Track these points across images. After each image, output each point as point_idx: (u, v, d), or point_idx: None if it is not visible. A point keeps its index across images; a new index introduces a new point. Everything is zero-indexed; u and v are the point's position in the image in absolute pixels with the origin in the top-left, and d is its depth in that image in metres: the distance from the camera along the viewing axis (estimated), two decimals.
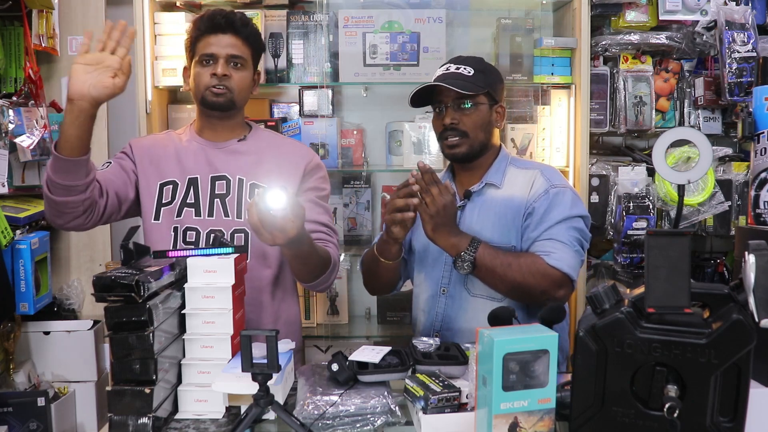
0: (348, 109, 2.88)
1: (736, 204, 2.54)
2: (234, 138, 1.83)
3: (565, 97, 2.64)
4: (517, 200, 1.76)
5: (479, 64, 1.80)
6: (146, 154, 1.82)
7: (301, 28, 2.63)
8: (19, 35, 2.38)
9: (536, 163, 1.91)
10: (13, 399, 2.16)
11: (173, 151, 1.82)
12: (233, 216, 1.76)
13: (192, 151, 1.82)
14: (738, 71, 2.44)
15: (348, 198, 2.82)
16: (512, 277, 1.64)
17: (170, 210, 1.77)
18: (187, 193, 1.78)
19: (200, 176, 1.78)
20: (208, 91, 1.74)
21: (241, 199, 1.77)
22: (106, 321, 1.28)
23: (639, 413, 1.09)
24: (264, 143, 1.85)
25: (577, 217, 1.73)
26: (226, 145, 1.82)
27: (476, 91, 1.74)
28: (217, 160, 1.80)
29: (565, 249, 1.67)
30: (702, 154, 1.69)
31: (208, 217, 1.76)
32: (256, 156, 1.81)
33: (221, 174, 1.79)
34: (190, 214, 1.77)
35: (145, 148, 1.83)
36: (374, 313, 2.84)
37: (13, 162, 2.29)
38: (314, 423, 1.29)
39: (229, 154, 1.81)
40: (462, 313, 1.78)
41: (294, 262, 1.66)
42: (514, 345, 1.09)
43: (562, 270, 1.64)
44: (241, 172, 1.78)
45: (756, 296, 1.09)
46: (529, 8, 2.74)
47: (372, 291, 1.99)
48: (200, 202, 1.77)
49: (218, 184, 1.78)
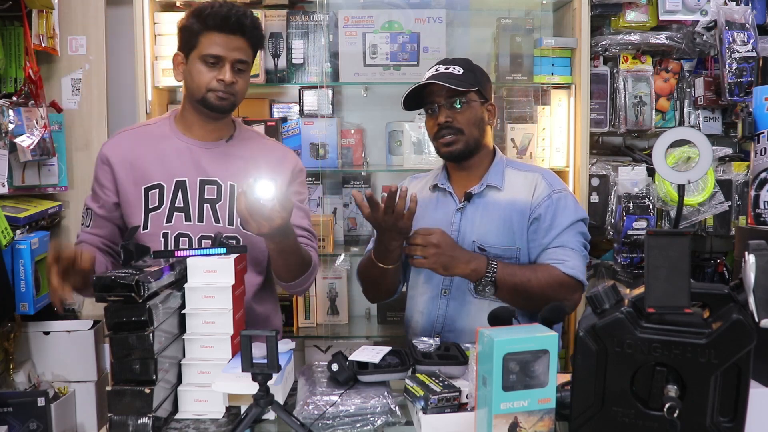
0: (348, 109, 2.88)
1: (736, 204, 2.54)
2: (222, 137, 1.77)
3: (565, 97, 2.64)
4: (521, 203, 1.77)
5: (467, 64, 1.81)
6: (126, 159, 1.72)
7: (301, 28, 2.63)
8: (19, 35, 2.38)
9: (534, 166, 1.93)
10: (13, 399, 2.16)
11: (155, 151, 1.73)
12: (224, 222, 1.71)
13: (176, 150, 1.73)
14: (738, 71, 2.44)
15: (348, 198, 2.82)
16: (533, 292, 1.66)
17: (159, 215, 1.70)
18: (175, 197, 1.70)
19: (188, 179, 1.71)
20: (212, 94, 1.67)
21: (233, 206, 1.71)
22: (106, 321, 1.28)
23: (639, 413, 1.09)
24: (251, 145, 1.80)
25: (581, 221, 1.78)
26: (215, 145, 1.76)
27: (467, 89, 1.75)
28: (205, 162, 1.73)
29: (576, 255, 1.72)
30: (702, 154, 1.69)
31: (198, 223, 1.71)
32: (244, 161, 1.75)
33: (211, 178, 1.72)
34: (180, 219, 1.70)
35: (122, 151, 1.73)
36: (374, 313, 2.84)
37: (13, 162, 2.29)
38: (314, 423, 1.29)
39: (218, 156, 1.75)
40: (464, 315, 1.78)
41: (278, 257, 1.66)
42: (514, 345, 1.09)
43: (577, 278, 1.69)
44: (232, 177, 1.73)
45: (756, 296, 1.09)
46: (529, 8, 2.74)
47: (373, 299, 1.99)
48: (190, 206, 1.71)
49: (208, 189, 1.72)
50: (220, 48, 1.65)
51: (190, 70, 1.68)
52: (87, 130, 2.58)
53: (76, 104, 2.58)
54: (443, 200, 1.85)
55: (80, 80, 2.57)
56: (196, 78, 1.68)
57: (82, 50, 2.57)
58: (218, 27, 1.65)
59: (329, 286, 2.78)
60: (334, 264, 2.75)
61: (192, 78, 1.68)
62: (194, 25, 1.66)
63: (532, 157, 2.63)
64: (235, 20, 1.65)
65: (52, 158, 2.41)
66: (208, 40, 1.65)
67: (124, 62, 2.66)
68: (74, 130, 2.57)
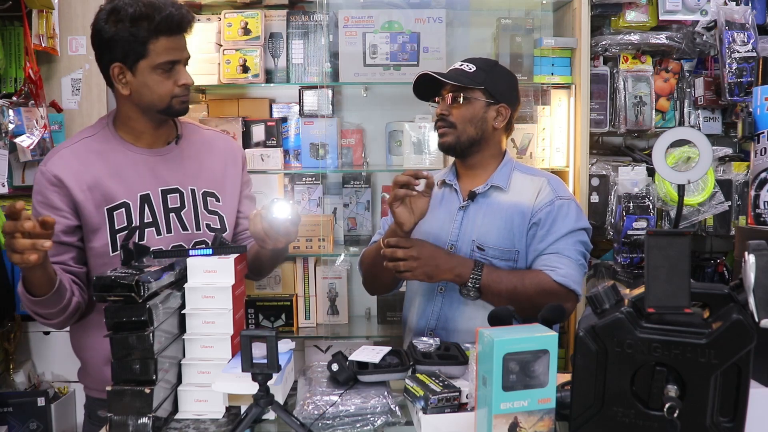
0: (348, 109, 2.88)
1: (736, 204, 2.54)
2: (170, 140, 1.69)
3: (565, 97, 2.64)
4: (524, 206, 1.76)
5: (485, 64, 1.82)
6: (81, 180, 1.57)
7: (301, 28, 2.63)
8: (19, 35, 2.38)
9: (542, 171, 1.90)
10: (13, 399, 2.17)
11: (109, 167, 1.60)
12: (192, 229, 1.66)
13: (131, 163, 1.62)
14: (738, 71, 2.44)
15: (348, 198, 2.82)
16: (519, 299, 1.64)
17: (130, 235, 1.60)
18: (142, 213, 1.61)
19: (151, 191, 1.63)
20: (176, 100, 1.58)
21: (198, 211, 1.67)
22: (106, 321, 1.28)
23: (639, 413, 1.09)
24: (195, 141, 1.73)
25: (582, 230, 1.76)
26: (167, 151, 1.68)
27: (465, 84, 1.76)
28: (161, 170, 1.65)
29: (571, 264, 1.70)
30: (702, 154, 1.69)
31: (167, 234, 1.64)
32: (197, 160, 1.71)
33: (172, 187, 1.65)
34: (151, 234, 1.62)
35: (74, 172, 1.57)
36: (374, 313, 2.84)
37: (13, 162, 2.29)
38: (314, 423, 1.29)
39: (172, 162, 1.67)
40: (459, 314, 1.78)
41: (269, 261, 1.75)
42: (514, 345, 1.09)
43: (569, 287, 1.67)
44: (190, 181, 1.68)
45: (756, 296, 1.09)
46: (529, 8, 2.74)
47: (372, 291, 1.99)
48: (158, 219, 1.63)
49: (171, 198, 1.65)
50: (174, 52, 1.56)
51: (145, 82, 1.55)
52: None
53: (76, 104, 2.58)
54: (449, 197, 1.86)
55: (80, 80, 2.57)
56: (156, 88, 1.56)
57: (82, 50, 2.57)
58: (168, 31, 1.54)
59: (329, 286, 2.78)
60: (334, 264, 2.75)
61: (150, 90, 1.56)
62: (139, 32, 1.51)
63: (532, 157, 2.63)
64: (184, 21, 1.56)
65: None
66: (159, 46, 1.53)
67: None
68: (74, 130, 2.56)
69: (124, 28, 1.52)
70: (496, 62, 1.87)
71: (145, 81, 1.56)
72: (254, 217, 1.54)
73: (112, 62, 1.56)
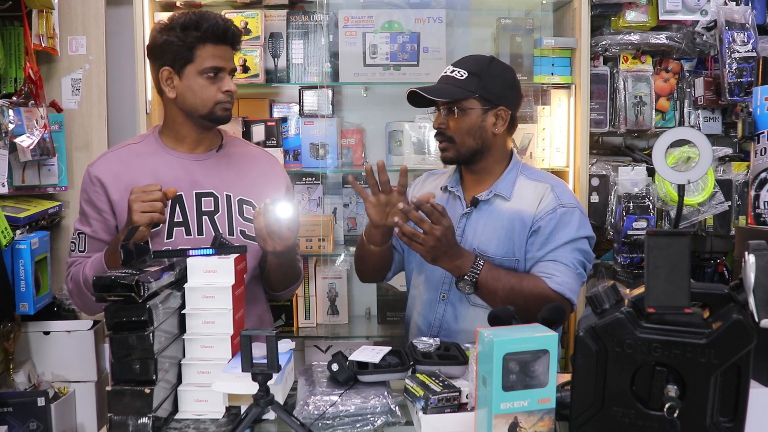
0: (348, 109, 2.88)
1: (736, 204, 2.54)
2: (212, 148, 1.76)
3: (565, 97, 2.64)
4: (525, 214, 1.73)
5: (477, 67, 1.74)
6: (118, 179, 1.68)
7: (301, 28, 2.63)
8: (19, 35, 2.38)
9: (548, 176, 1.84)
10: (13, 399, 2.16)
11: (146, 168, 1.70)
12: (225, 234, 1.71)
13: (168, 165, 1.71)
14: (738, 71, 2.44)
15: (348, 198, 2.82)
16: (514, 300, 1.60)
17: (158, 232, 1.66)
18: (173, 212, 1.68)
19: (184, 193, 1.69)
20: (219, 106, 1.67)
21: (232, 216, 1.72)
22: (106, 321, 1.28)
23: (639, 413, 1.09)
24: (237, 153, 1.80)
25: (583, 239, 1.72)
26: (206, 156, 1.75)
27: (456, 97, 1.71)
28: (198, 174, 1.72)
29: (568, 272, 1.67)
30: (702, 154, 1.69)
31: (198, 236, 1.69)
32: (235, 169, 1.76)
33: (207, 190, 1.71)
34: (180, 233, 1.68)
35: (113, 172, 1.69)
36: (374, 313, 2.84)
37: (13, 162, 2.29)
38: (314, 423, 1.29)
39: (210, 167, 1.74)
40: (461, 321, 1.78)
41: (277, 270, 1.74)
42: (514, 345, 1.09)
43: (564, 295, 1.64)
44: (227, 188, 1.73)
45: (756, 296, 1.09)
46: (529, 8, 2.74)
47: (361, 277, 1.98)
48: (189, 220, 1.69)
49: (205, 201, 1.71)
50: (219, 59, 1.66)
51: (190, 86, 1.66)
52: (87, 130, 2.58)
53: (76, 104, 2.58)
54: (452, 203, 1.83)
55: (80, 80, 2.57)
56: (200, 93, 1.66)
57: (82, 50, 2.57)
58: (214, 38, 1.64)
59: (329, 286, 2.78)
60: (334, 264, 2.75)
61: (194, 93, 1.66)
62: (188, 38, 1.63)
63: (532, 157, 2.63)
64: (227, 31, 1.66)
65: (52, 158, 2.40)
66: (205, 52, 1.64)
67: (124, 62, 2.66)
68: (74, 130, 2.57)
69: (175, 35, 1.64)
70: (491, 59, 1.78)
71: (191, 85, 1.65)
72: (257, 214, 1.56)
73: (163, 66, 1.67)
